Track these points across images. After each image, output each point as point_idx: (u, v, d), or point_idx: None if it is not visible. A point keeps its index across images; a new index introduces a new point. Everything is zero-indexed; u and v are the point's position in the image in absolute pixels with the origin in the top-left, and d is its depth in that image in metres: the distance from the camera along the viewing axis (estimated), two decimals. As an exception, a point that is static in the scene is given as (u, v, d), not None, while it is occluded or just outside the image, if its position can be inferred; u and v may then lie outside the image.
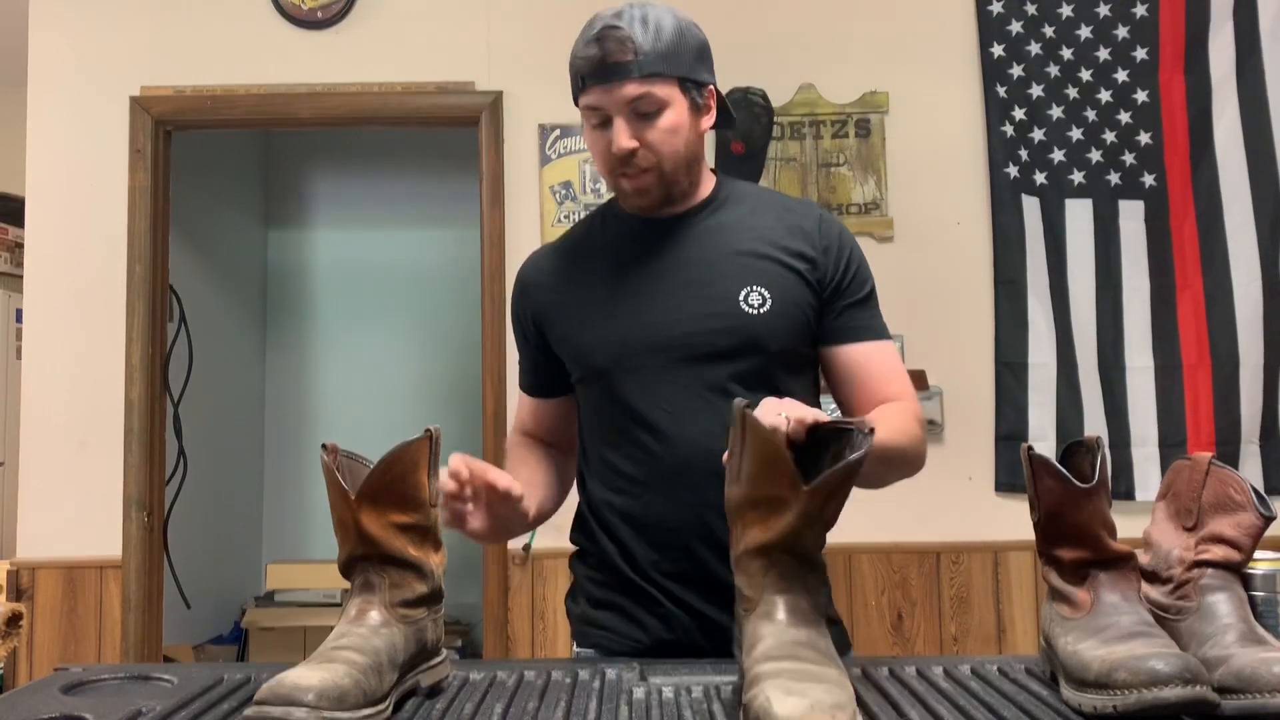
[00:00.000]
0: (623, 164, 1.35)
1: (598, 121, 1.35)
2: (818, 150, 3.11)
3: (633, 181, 1.37)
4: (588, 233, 1.50)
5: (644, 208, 1.41)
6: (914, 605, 2.99)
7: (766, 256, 1.39)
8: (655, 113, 1.33)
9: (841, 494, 0.98)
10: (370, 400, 4.82)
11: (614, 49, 1.30)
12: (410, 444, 1.08)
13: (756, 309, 1.35)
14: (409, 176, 4.96)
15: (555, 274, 1.47)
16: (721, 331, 1.35)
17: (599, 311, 1.40)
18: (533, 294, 1.48)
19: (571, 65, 1.35)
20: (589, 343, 1.40)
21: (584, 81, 1.34)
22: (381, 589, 1.07)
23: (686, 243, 1.41)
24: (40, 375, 3.07)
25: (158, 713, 1.01)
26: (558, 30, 3.14)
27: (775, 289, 1.36)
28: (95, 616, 3.00)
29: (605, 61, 1.31)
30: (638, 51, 1.30)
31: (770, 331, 1.36)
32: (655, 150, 1.34)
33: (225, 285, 4.56)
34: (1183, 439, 3.00)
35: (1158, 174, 3.07)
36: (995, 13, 3.11)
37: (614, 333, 1.38)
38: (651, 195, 1.38)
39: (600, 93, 1.32)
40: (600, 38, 1.31)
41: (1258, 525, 1.06)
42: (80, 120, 3.13)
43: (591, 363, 1.40)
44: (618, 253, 1.43)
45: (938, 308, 3.05)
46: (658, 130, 1.34)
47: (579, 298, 1.43)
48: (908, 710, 0.99)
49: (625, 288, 1.40)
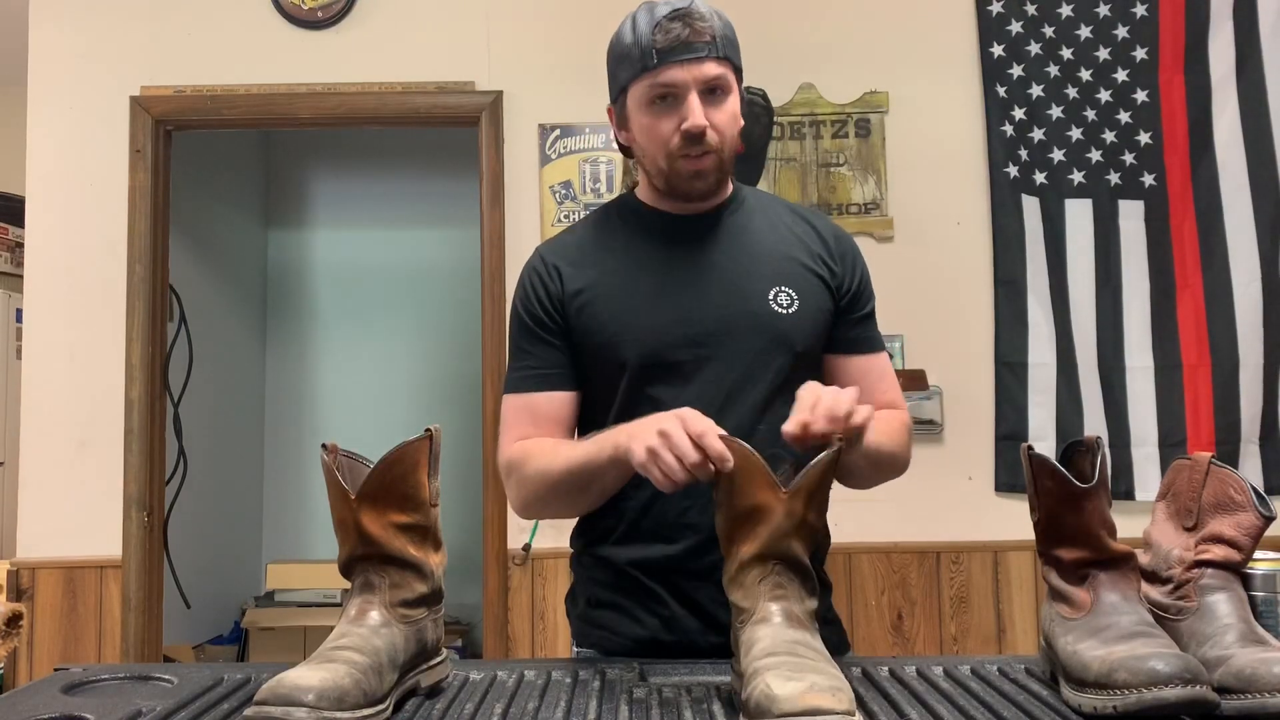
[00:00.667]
0: (691, 143, 1.34)
1: (665, 101, 1.33)
2: (818, 150, 3.11)
3: (695, 163, 1.35)
4: (607, 225, 1.47)
5: (696, 193, 1.39)
6: (914, 605, 2.99)
7: (791, 259, 1.41)
8: (724, 94, 1.35)
9: (820, 495, 1.05)
10: (370, 400, 4.82)
11: (698, 25, 1.31)
12: (410, 444, 1.08)
13: (785, 309, 1.38)
14: (409, 176, 4.96)
15: (580, 265, 1.43)
16: (752, 330, 1.36)
17: (628, 305, 1.38)
18: (559, 282, 1.41)
19: (636, 45, 1.33)
20: (618, 336, 1.37)
21: (657, 58, 1.31)
22: (382, 589, 1.07)
23: (713, 241, 1.42)
24: (40, 375, 3.07)
25: (158, 713, 1.01)
26: (558, 30, 3.16)
27: (801, 291, 1.39)
28: (95, 616, 3.00)
29: (687, 38, 1.31)
30: (714, 34, 1.32)
31: (798, 332, 1.38)
32: (720, 133, 1.35)
33: (225, 285, 4.56)
34: (1183, 439, 3.00)
35: (1157, 174, 3.07)
36: (995, 13, 3.11)
37: (644, 328, 1.37)
38: (708, 179, 1.38)
39: (679, 69, 1.31)
40: (682, 15, 1.31)
41: (1258, 525, 1.06)
42: (80, 120, 3.13)
43: (620, 357, 1.37)
44: (644, 247, 1.42)
45: (938, 308, 3.05)
46: (725, 114, 1.35)
47: (607, 290, 1.40)
48: (908, 710, 0.99)
49: (655, 282, 1.39)
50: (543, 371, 1.41)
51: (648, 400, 1.35)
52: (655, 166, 1.38)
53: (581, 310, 1.39)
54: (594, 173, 3.09)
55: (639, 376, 1.37)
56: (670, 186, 1.39)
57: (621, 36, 1.36)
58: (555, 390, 1.41)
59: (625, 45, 1.35)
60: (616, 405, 1.39)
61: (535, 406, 1.41)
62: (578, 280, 1.41)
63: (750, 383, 1.36)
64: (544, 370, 1.41)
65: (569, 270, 1.42)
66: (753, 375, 1.36)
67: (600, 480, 1.29)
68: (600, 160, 3.09)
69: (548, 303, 1.41)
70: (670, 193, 1.41)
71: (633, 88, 1.35)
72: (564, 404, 1.41)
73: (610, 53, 1.39)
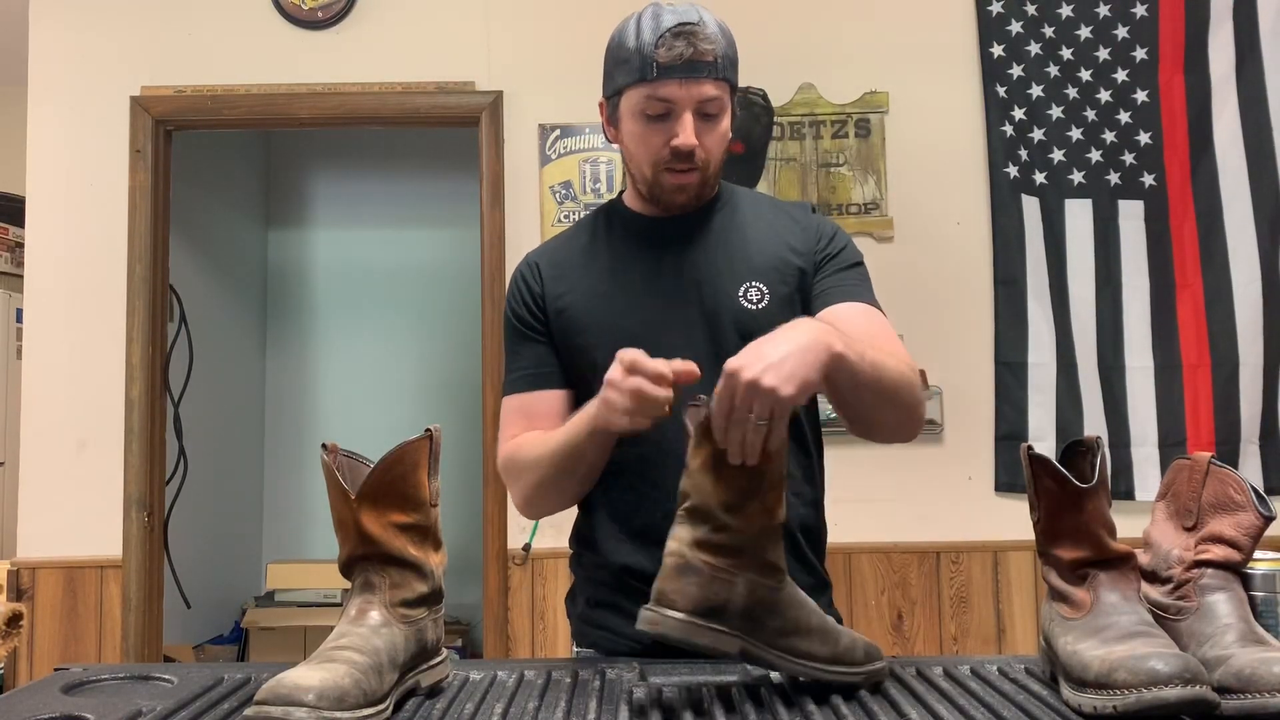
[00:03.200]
0: (678, 159, 1.35)
1: (657, 113, 1.34)
2: (818, 150, 3.11)
3: (680, 178, 1.37)
4: (592, 230, 1.51)
5: (677, 205, 1.41)
6: (914, 605, 2.99)
7: (767, 253, 1.42)
8: (717, 115, 1.36)
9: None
10: (370, 400, 4.82)
11: (702, 47, 1.30)
12: (410, 444, 1.08)
13: (755, 304, 1.39)
14: (409, 176, 4.96)
15: (563, 269, 1.47)
16: (719, 328, 1.38)
17: (602, 310, 1.41)
18: (541, 284, 1.46)
19: (638, 52, 1.32)
20: (592, 340, 1.40)
21: (657, 71, 1.31)
22: (382, 589, 1.07)
23: (693, 242, 1.43)
24: (40, 375, 3.07)
25: (158, 713, 1.01)
26: (558, 30, 3.16)
27: (772, 284, 1.40)
28: (95, 616, 3.00)
29: (691, 57, 1.30)
30: (716, 55, 1.32)
31: (768, 326, 1.36)
32: (708, 151, 1.37)
33: (225, 285, 4.56)
34: (1182, 439, 3.00)
35: (1157, 174, 3.07)
36: (995, 13, 3.11)
37: (617, 332, 1.38)
38: (690, 193, 1.40)
39: (676, 86, 1.31)
40: (687, 33, 1.30)
41: (1257, 525, 1.06)
42: (80, 120, 3.13)
43: (594, 360, 1.39)
44: (622, 251, 1.45)
45: (938, 308, 3.05)
46: (715, 134, 1.37)
47: (584, 295, 1.43)
48: (908, 710, 0.99)
49: (630, 287, 1.42)
50: (534, 372, 1.46)
51: None
52: (640, 173, 1.41)
53: (560, 314, 1.44)
54: (594, 173, 3.09)
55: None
56: (653, 195, 1.42)
57: (624, 38, 1.35)
58: (547, 389, 1.45)
59: (627, 49, 1.34)
60: None
61: (529, 406, 1.45)
62: (559, 285, 1.45)
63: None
64: (535, 371, 1.46)
65: (551, 274, 1.47)
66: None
67: (583, 458, 1.33)
68: (600, 160, 3.09)
69: (532, 304, 1.46)
70: (652, 200, 1.43)
71: (628, 92, 1.36)
72: (557, 402, 1.44)
73: (611, 50, 1.39)
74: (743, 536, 1.05)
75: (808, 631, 1.06)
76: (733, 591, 1.04)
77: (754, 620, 1.05)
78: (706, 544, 1.05)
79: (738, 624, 1.04)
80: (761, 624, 1.05)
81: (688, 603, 1.04)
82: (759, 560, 1.06)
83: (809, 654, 1.05)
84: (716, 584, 1.04)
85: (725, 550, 1.05)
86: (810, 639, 1.06)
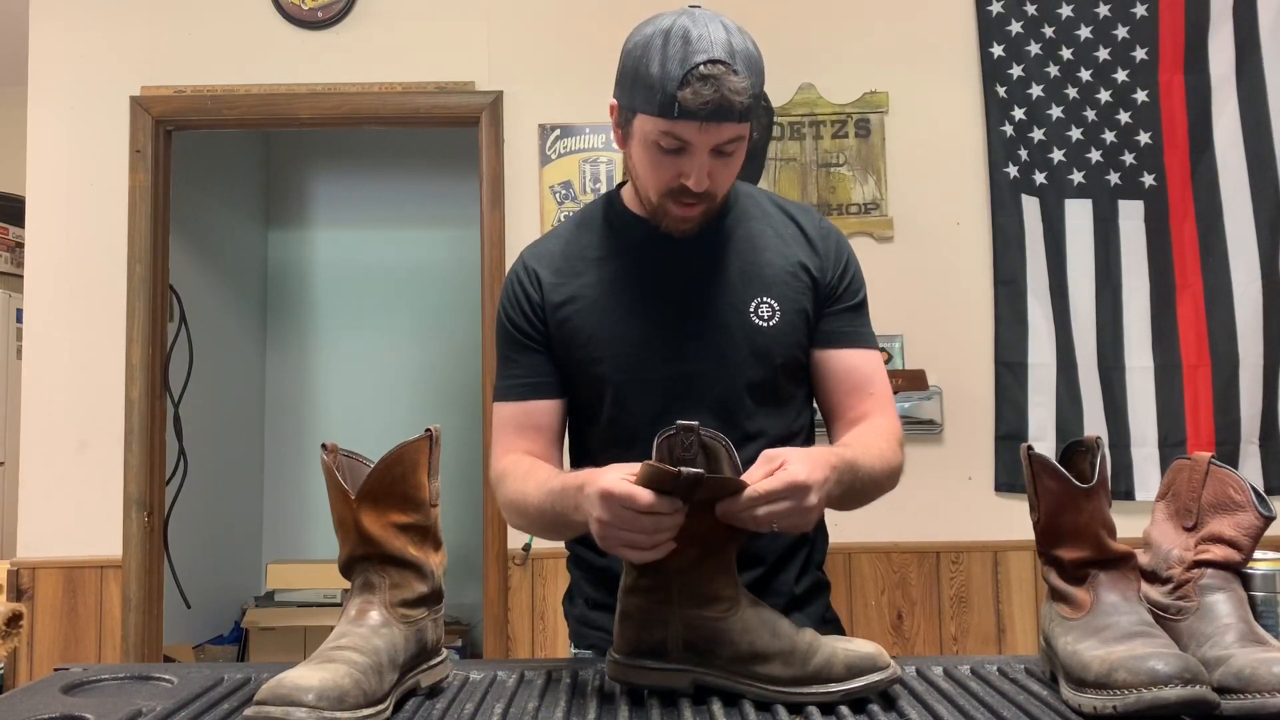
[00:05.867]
0: (686, 193, 1.30)
1: (671, 148, 1.27)
2: (817, 150, 3.11)
3: (685, 210, 1.32)
4: (592, 230, 1.44)
5: (678, 232, 1.36)
6: (914, 605, 2.99)
7: (775, 265, 1.39)
8: (733, 154, 1.30)
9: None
10: (370, 400, 4.82)
11: (730, 99, 1.22)
12: (410, 444, 1.08)
13: (766, 321, 1.36)
14: (409, 176, 4.96)
15: (562, 273, 1.41)
16: (732, 346, 1.35)
17: (608, 322, 1.37)
18: (540, 291, 1.40)
19: (661, 87, 1.22)
20: (598, 354, 1.36)
21: (678, 112, 1.22)
22: (382, 589, 1.07)
23: (697, 252, 1.38)
24: (40, 375, 3.07)
25: (158, 713, 1.01)
26: (558, 30, 3.16)
27: (783, 300, 1.37)
28: (95, 616, 3.00)
29: (716, 103, 1.21)
30: (743, 105, 1.24)
31: (778, 344, 1.36)
32: (718, 186, 1.31)
33: (225, 285, 4.56)
34: (1182, 439, 3.00)
35: (1157, 174, 3.07)
36: (995, 13, 3.11)
37: (625, 346, 1.36)
38: (693, 224, 1.35)
39: (696, 130, 1.24)
40: (716, 77, 1.21)
41: (1257, 525, 1.06)
42: (80, 120, 3.13)
43: (601, 374, 1.37)
44: (627, 258, 1.40)
45: (938, 308, 3.05)
46: (728, 170, 1.31)
47: (587, 304, 1.38)
48: (908, 710, 0.99)
49: (636, 297, 1.38)
50: (529, 380, 1.40)
51: (631, 416, 1.36)
52: (645, 195, 1.35)
53: (563, 324, 1.38)
54: (594, 173, 3.09)
55: (621, 393, 1.36)
56: (655, 218, 1.37)
57: (648, 59, 1.24)
58: (543, 399, 1.40)
59: (650, 75, 1.23)
60: (603, 418, 1.39)
61: (523, 416, 1.40)
62: (559, 292, 1.39)
63: (732, 398, 1.35)
64: (530, 379, 1.40)
65: (551, 279, 1.40)
66: (734, 390, 1.35)
67: (569, 529, 1.26)
68: (600, 160, 3.09)
69: (530, 312, 1.40)
70: (654, 221, 1.37)
71: (644, 118, 1.27)
72: (552, 412, 1.40)
73: (631, 59, 1.27)
74: (668, 575, 1.06)
75: (766, 656, 1.04)
76: (668, 630, 1.06)
77: (701, 652, 1.06)
78: (635, 588, 1.08)
79: (682, 658, 1.06)
80: (712, 654, 1.05)
81: (626, 645, 1.08)
82: (694, 593, 1.06)
83: (770, 678, 1.04)
84: (650, 625, 1.07)
85: (652, 591, 1.07)
86: (770, 663, 1.04)
